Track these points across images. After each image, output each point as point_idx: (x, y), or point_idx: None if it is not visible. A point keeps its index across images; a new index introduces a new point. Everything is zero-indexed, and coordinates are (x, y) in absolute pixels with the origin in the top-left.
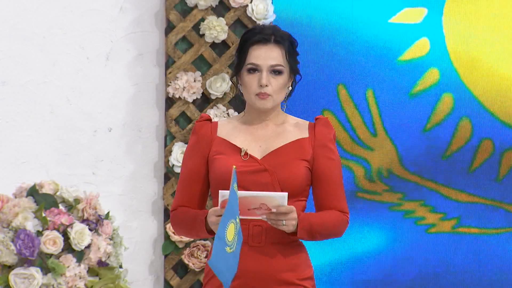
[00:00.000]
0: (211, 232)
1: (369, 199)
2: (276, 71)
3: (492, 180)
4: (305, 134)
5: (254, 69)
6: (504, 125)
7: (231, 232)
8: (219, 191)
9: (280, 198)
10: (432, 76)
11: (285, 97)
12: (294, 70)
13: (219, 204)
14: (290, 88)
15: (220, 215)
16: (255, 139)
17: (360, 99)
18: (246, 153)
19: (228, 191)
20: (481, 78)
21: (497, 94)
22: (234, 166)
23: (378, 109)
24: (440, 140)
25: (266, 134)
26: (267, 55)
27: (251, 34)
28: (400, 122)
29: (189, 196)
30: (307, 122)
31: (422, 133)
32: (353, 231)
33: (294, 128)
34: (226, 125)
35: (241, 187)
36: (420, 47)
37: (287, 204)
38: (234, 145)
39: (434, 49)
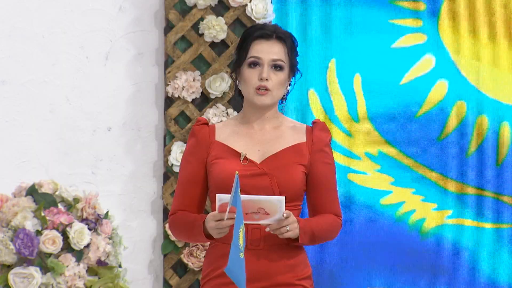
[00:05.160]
0: (210, 237)
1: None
2: (277, 66)
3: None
4: (302, 138)
5: (255, 63)
6: (497, 101)
7: (241, 237)
8: (217, 195)
9: (278, 201)
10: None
11: (283, 97)
12: (293, 69)
13: (217, 208)
14: (289, 87)
15: (219, 220)
16: (253, 143)
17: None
18: (245, 158)
19: (225, 195)
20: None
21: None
22: (237, 172)
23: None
24: (433, 124)
25: (264, 138)
26: (269, 50)
27: (253, 30)
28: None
29: (188, 201)
30: (304, 126)
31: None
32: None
33: (292, 132)
34: (224, 128)
35: (241, 190)
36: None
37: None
38: (233, 149)
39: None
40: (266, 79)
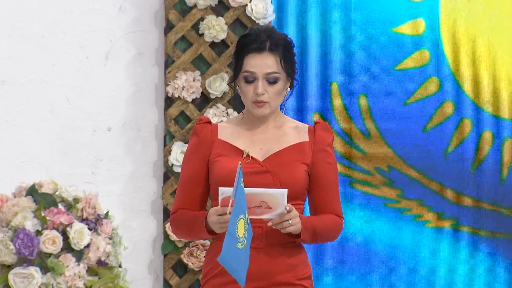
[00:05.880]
0: (212, 232)
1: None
2: (271, 79)
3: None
4: (305, 138)
5: (250, 77)
6: (501, 119)
7: (242, 227)
8: (219, 188)
9: (280, 194)
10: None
11: (284, 99)
12: (290, 75)
13: (219, 202)
14: (289, 89)
15: (221, 214)
16: (255, 141)
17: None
18: (248, 155)
19: (227, 188)
20: (480, 82)
21: (493, 94)
22: (240, 162)
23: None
24: (440, 138)
25: (266, 137)
26: (262, 64)
27: (246, 41)
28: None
29: (190, 199)
30: (307, 126)
31: (421, 133)
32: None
33: (294, 131)
34: (226, 127)
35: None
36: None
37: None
38: (236, 147)
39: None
40: (262, 93)
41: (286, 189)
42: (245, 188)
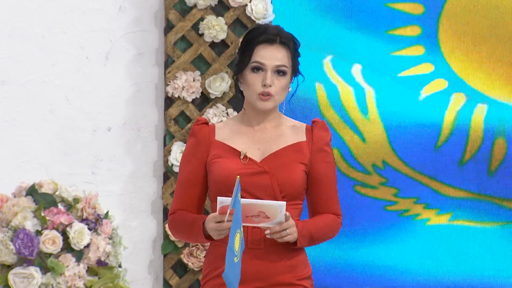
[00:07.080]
0: (209, 238)
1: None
2: (280, 72)
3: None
4: (302, 137)
5: (259, 68)
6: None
7: (238, 241)
8: (218, 197)
9: (279, 206)
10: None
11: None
12: (296, 72)
13: (217, 210)
14: (290, 89)
15: (219, 221)
16: (253, 141)
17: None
18: (245, 156)
19: (226, 198)
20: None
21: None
22: (238, 177)
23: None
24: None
25: (264, 137)
26: (273, 55)
27: (256, 33)
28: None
29: (188, 200)
30: (304, 125)
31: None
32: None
33: (292, 131)
34: (224, 128)
35: (241, 189)
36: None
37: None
38: (233, 148)
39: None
40: (270, 85)
41: (285, 202)
42: (244, 199)
